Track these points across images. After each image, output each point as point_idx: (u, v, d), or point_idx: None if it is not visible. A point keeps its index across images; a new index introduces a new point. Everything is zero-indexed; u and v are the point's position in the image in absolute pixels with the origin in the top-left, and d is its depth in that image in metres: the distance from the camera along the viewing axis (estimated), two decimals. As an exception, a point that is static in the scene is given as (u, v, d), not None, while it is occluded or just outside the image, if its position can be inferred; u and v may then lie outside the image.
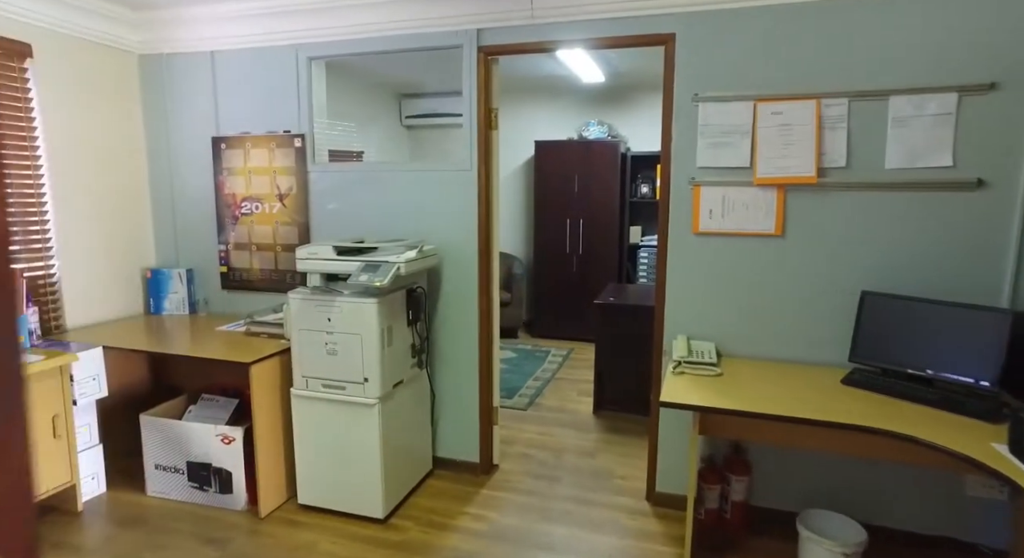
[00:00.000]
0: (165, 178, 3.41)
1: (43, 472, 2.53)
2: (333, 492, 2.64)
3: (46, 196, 2.95)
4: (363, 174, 3.01)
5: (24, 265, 2.88)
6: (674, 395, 2.10)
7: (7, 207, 0.47)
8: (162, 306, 3.41)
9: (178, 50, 3.24)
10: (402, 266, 2.46)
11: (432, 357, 3.04)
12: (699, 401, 2.04)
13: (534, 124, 5.97)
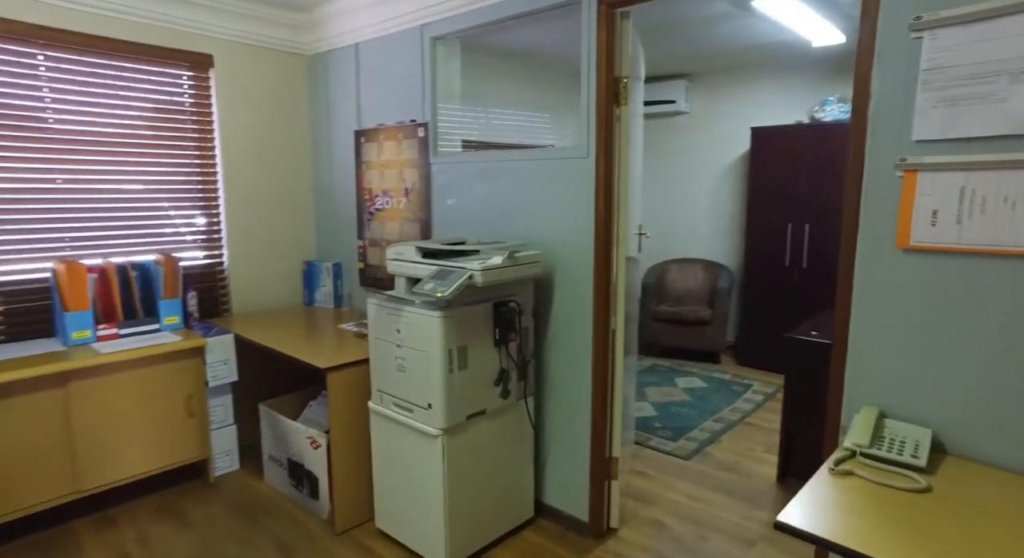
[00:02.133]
0: (325, 173, 3.51)
1: (175, 446, 2.74)
2: (404, 525, 2.34)
3: (219, 192, 3.23)
4: (481, 166, 2.64)
5: (196, 254, 3.19)
6: (811, 513, 1.27)
7: None
8: (314, 298, 3.53)
9: (333, 46, 3.28)
10: (477, 275, 2.01)
11: (540, 386, 2.53)
12: (855, 541, 1.18)
13: (750, 108, 4.91)
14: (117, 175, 2.90)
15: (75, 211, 2.79)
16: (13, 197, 2.63)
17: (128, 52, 2.84)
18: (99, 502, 2.69)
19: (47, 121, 2.69)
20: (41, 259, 2.72)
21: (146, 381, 2.61)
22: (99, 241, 2.87)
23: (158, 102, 2.99)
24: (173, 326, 2.87)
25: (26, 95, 2.62)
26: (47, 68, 2.67)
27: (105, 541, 2.42)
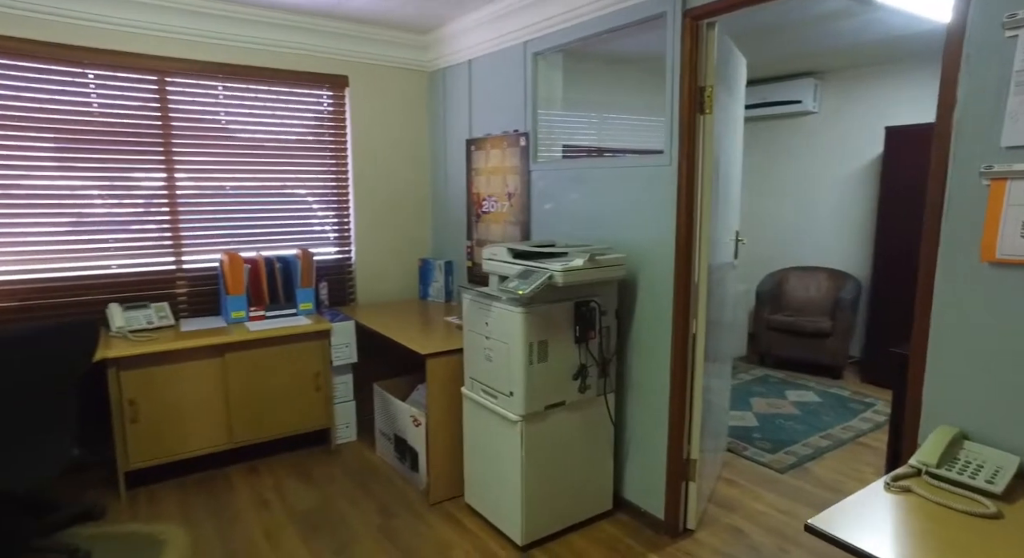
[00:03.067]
0: (440, 178, 3.86)
1: (305, 415, 3.20)
2: (487, 501, 2.56)
3: (349, 195, 3.69)
4: (573, 173, 2.79)
5: (329, 250, 3.67)
6: (851, 522, 1.29)
7: None
8: (428, 292, 3.89)
9: (450, 63, 3.60)
10: (557, 275, 2.18)
11: (621, 384, 2.63)
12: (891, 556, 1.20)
13: (886, 106, 4.55)
14: (268, 181, 3.44)
15: (237, 211, 3.37)
16: (197, 199, 3.24)
17: (281, 78, 3.36)
18: (247, 454, 3.21)
19: (222, 137, 3.27)
20: (213, 251, 3.32)
21: (284, 357, 3.08)
22: (253, 237, 3.43)
23: (303, 118, 3.50)
24: (307, 311, 3.35)
25: (209, 117, 3.22)
26: (223, 95, 3.25)
27: (250, 485, 2.92)
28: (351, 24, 3.42)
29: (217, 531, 2.53)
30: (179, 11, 2.99)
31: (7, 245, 2.83)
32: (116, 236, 3.07)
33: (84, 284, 3.01)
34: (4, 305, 2.83)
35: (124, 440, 2.73)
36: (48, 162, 2.88)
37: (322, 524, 2.59)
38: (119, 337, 2.86)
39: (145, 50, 2.99)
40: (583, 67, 4.28)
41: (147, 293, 3.16)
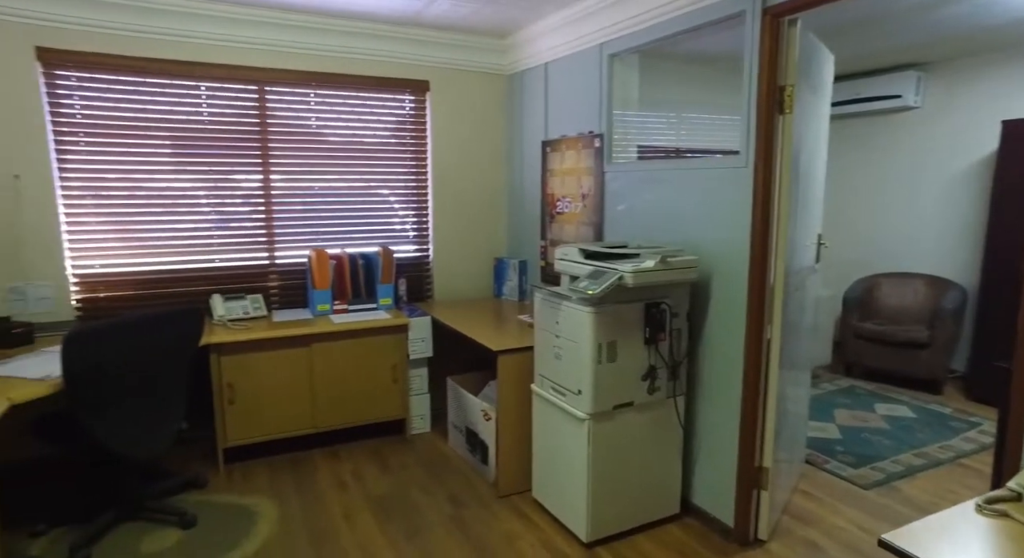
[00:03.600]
0: (517, 179, 3.93)
1: (383, 405, 3.36)
2: (554, 497, 2.61)
3: (429, 195, 3.84)
4: (647, 175, 2.78)
5: (408, 248, 3.84)
6: (933, 542, 1.24)
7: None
8: (502, 291, 3.98)
9: (527, 66, 3.66)
10: (628, 276, 2.19)
11: (691, 387, 2.60)
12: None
13: (1001, 99, 4.19)
14: (353, 181, 3.64)
15: (325, 210, 3.58)
16: (289, 199, 3.48)
17: (367, 84, 3.55)
18: (329, 438, 3.42)
19: (313, 140, 3.50)
20: (302, 248, 3.55)
21: (364, 349, 3.25)
22: (338, 234, 3.64)
23: (386, 122, 3.67)
24: (386, 306, 3.52)
25: (301, 122, 3.45)
26: (315, 102, 3.47)
27: (331, 468, 3.11)
28: (432, 31, 3.56)
29: (301, 508, 2.72)
30: (279, 26, 3.23)
31: (132, 240, 3.16)
32: (219, 233, 3.36)
33: (192, 276, 3.31)
34: (128, 293, 3.17)
35: (223, 419, 2.98)
36: (165, 166, 3.19)
37: (396, 509, 2.73)
38: (220, 325, 3.12)
39: (248, 63, 3.25)
40: (660, 66, 4.23)
41: (244, 285, 3.43)
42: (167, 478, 2.91)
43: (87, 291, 3.10)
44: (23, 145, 2.88)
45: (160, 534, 2.51)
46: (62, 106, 2.95)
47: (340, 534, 2.53)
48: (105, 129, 3.04)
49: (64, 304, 3.04)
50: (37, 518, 2.59)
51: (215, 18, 3.10)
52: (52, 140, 2.94)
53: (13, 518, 2.59)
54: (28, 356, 2.56)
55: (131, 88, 3.07)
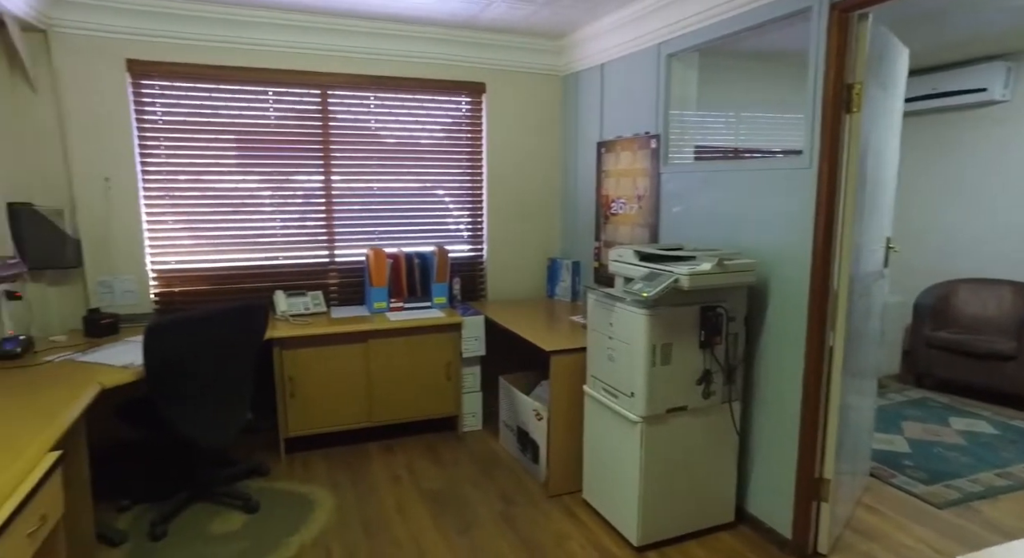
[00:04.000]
0: (571, 180, 3.93)
1: (436, 401, 3.43)
2: (605, 499, 2.60)
3: (483, 195, 3.88)
4: (704, 176, 2.73)
5: (462, 247, 3.90)
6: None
7: None
8: (555, 291, 3.99)
9: (583, 67, 3.65)
10: (683, 279, 2.17)
11: (748, 393, 2.53)
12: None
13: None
14: (410, 182, 3.73)
15: (382, 210, 3.69)
16: (349, 199, 3.60)
17: (425, 86, 3.63)
18: (383, 433, 3.52)
19: (372, 141, 3.60)
20: (360, 246, 3.66)
21: (419, 346, 3.33)
22: (395, 234, 3.74)
23: (443, 123, 3.74)
24: (441, 305, 3.59)
25: (361, 124, 3.56)
26: (374, 104, 3.58)
27: (386, 462, 3.20)
28: (489, 33, 3.60)
29: (356, 498, 2.81)
30: (341, 32, 3.34)
31: (203, 238, 3.35)
32: (283, 231, 3.51)
33: (257, 273, 3.47)
34: (199, 288, 3.36)
35: (284, 411, 3.12)
36: (234, 168, 3.36)
37: (448, 504, 2.78)
38: (282, 320, 3.26)
39: (313, 68, 3.38)
40: (718, 64, 4.13)
41: (305, 282, 3.57)
42: (234, 464, 3.06)
43: (164, 286, 3.30)
44: (113, 150, 3.09)
45: (227, 516, 2.64)
46: (146, 113, 3.16)
47: (393, 525, 2.60)
48: (181, 133, 3.23)
49: (145, 297, 3.25)
50: (122, 494, 2.79)
51: (283, 26, 3.24)
52: (137, 145, 3.15)
53: (103, 493, 2.78)
54: (114, 345, 2.75)
55: (205, 94, 3.24)
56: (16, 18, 2.72)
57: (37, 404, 2.01)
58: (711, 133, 3.96)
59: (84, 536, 2.24)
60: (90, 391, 2.15)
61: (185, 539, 2.48)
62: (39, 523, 1.62)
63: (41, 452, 1.69)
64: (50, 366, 2.45)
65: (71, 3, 2.87)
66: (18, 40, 2.79)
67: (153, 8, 2.99)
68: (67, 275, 3.11)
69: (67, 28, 2.93)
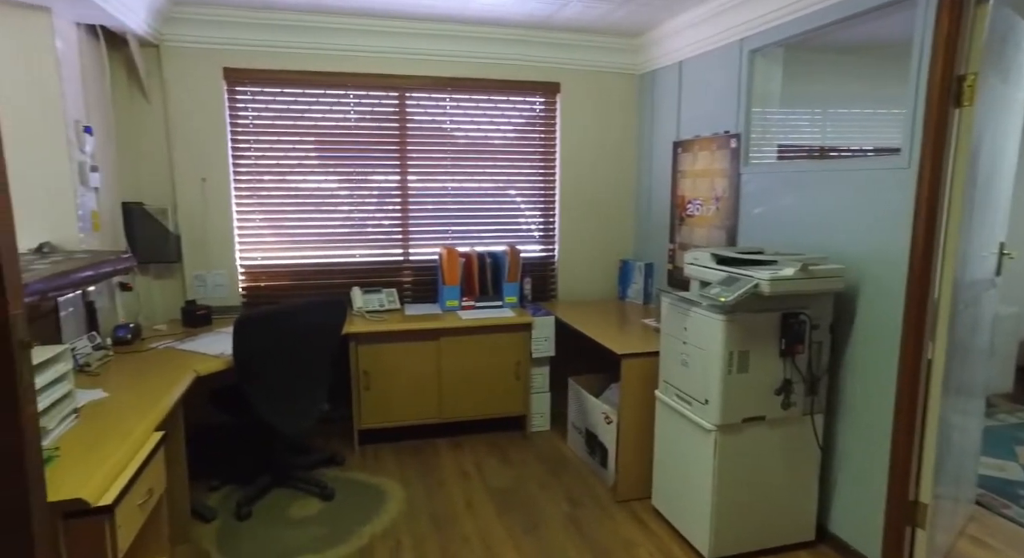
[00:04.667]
0: (645, 180, 3.86)
1: (505, 400, 3.45)
2: (675, 508, 2.53)
3: (556, 195, 3.88)
4: (789, 176, 2.60)
5: (534, 247, 3.90)
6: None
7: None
8: (626, 294, 3.92)
9: (660, 65, 3.57)
10: (764, 284, 2.08)
11: (832, 405, 2.40)
12: None
13: None
14: (483, 182, 3.77)
15: (456, 209, 3.75)
16: (423, 198, 3.69)
17: (500, 87, 3.66)
18: (452, 429, 3.58)
19: (446, 142, 3.68)
20: (434, 245, 3.75)
21: (489, 345, 3.36)
22: (467, 233, 3.79)
23: (516, 124, 3.76)
24: (511, 305, 3.61)
25: (436, 125, 3.64)
26: (450, 106, 3.65)
27: (454, 458, 3.25)
28: (564, 33, 3.59)
29: (426, 492, 2.88)
30: (419, 36, 3.43)
31: (287, 235, 3.52)
32: (360, 230, 3.64)
33: (335, 269, 3.62)
34: (283, 283, 3.54)
35: (359, 403, 3.23)
36: (315, 168, 3.51)
37: (514, 503, 2.79)
38: (358, 316, 3.38)
39: (392, 71, 3.49)
40: (803, 58, 3.93)
41: (380, 280, 3.68)
42: (311, 453, 3.21)
43: (251, 280, 3.50)
44: (210, 153, 3.31)
45: (305, 502, 2.77)
46: (239, 117, 3.36)
47: (461, 520, 2.64)
48: (269, 136, 3.42)
49: (234, 291, 3.46)
50: (213, 475, 2.98)
51: (365, 32, 3.35)
52: (230, 147, 3.36)
53: (196, 473, 2.99)
54: (208, 335, 2.95)
55: (292, 99, 3.41)
56: (137, 36, 2.97)
57: (144, 387, 2.18)
58: (795, 131, 3.77)
59: (181, 511, 2.42)
60: (187, 377, 2.31)
61: (267, 521, 2.62)
62: (147, 496, 1.75)
63: (147, 432, 1.83)
64: (154, 352, 2.66)
65: (180, 19, 3.10)
66: (137, 56, 3.04)
67: (248, 19, 3.17)
68: (169, 269, 3.36)
69: (176, 42, 3.16)
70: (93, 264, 2.27)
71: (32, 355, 1.69)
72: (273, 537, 2.49)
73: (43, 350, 1.75)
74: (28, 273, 2.00)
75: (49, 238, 2.61)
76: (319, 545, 2.44)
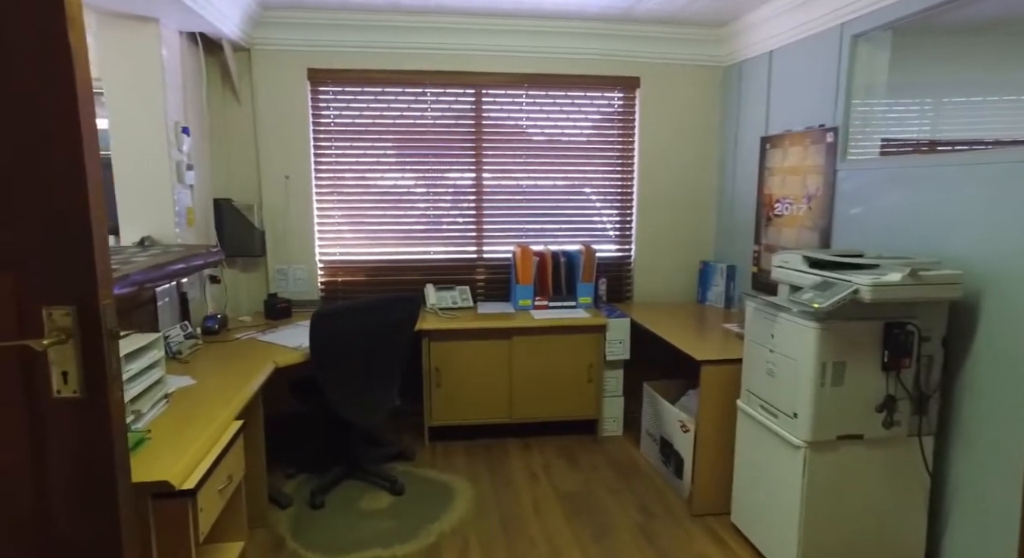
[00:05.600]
0: (729, 178, 3.67)
1: (576, 403, 3.38)
2: (758, 527, 2.38)
3: (633, 193, 3.76)
4: (895, 172, 2.38)
5: (610, 247, 3.80)
6: None
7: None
8: (706, 297, 3.75)
9: (748, 56, 3.38)
10: (865, 290, 1.90)
11: (945, 427, 2.16)
12: None
13: None
14: (558, 179, 3.71)
15: (530, 207, 3.71)
16: (498, 196, 3.67)
17: (577, 83, 3.58)
18: (522, 430, 3.54)
19: (522, 139, 3.64)
20: (507, 243, 3.72)
21: (562, 346, 3.30)
22: (542, 231, 3.74)
23: (593, 120, 3.67)
24: (586, 305, 3.52)
25: (512, 122, 3.61)
26: (526, 102, 3.61)
27: (523, 459, 3.21)
28: (644, 26, 3.46)
29: (494, 492, 2.85)
30: (496, 32, 3.41)
31: (364, 232, 3.60)
32: (435, 227, 3.66)
33: (410, 266, 3.67)
34: (359, 278, 3.63)
35: (430, 400, 3.25)
36: (392, 166, 3.57)
37: (583, 508, 2.72)
38: (432, 313, 3.40)
39: (468, 68, 3.49)
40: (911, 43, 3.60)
41: (453, 277, 3.70)
42: (383, 446, 3.26)
43: (329, 275, 3.60)
44: (293, 151, 3.44)
45: (375, 495, 2.81)
46: (321, 116, 3.46)
47: (529, 523, 2.59)
48: (349, 134, 3.50)
49: (313, 285, 3.57)
50: (290, 463, 3.09)
51: (443, 29, 3.37)
52: (312, 146, 3.47)
53: (274, 460, 3.10)
54: (287, 328, 3.06)
55: (371, 98, 3.48)
56: (231, 41, 3.12)
57: (228, 376, 2.27)
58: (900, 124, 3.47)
59: (259, 496, 2.51)
60: (267, 368, 2.39)
61: (339, 511, 2.67)
62: (227, 481, 1.81)
63: (229, 420, 1.90)
64: (238, 343, 2.77)
65: (269, 23, 3.23)
66: (231, 59, 3.20)
67: (330, 21, 3.26)
68: (254, 263, 3.51)
69: (265, 45, 3.30)
70: (185, 257, 2.39)
71: (130, 342, 1.79)
72: (344, 528, 2.54)
73: (139, 338, 1.85)
74: (129, 265, 2.13)
75: (150, 232, 2.78)
76: (388, 539, 2.46)
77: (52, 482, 0.94)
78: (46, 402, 0.91)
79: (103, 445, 0.93)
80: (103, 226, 0.92)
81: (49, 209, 0.90)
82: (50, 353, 0.90)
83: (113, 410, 0.94)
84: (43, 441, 0.92)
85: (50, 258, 0.90)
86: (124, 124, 2.69)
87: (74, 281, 0.90)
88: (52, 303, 0.89)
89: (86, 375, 0.91)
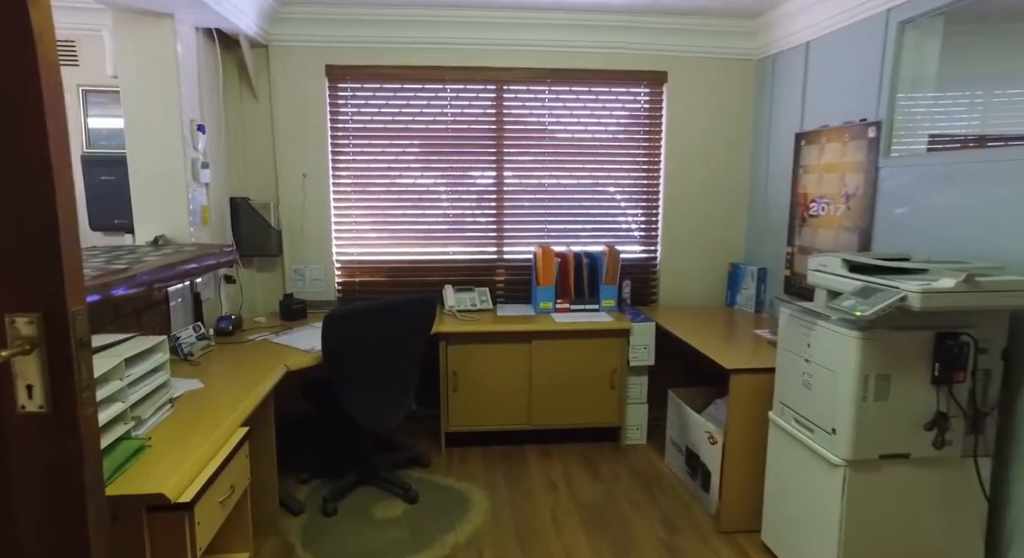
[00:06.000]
0: (761, 177, 3.50)
1: (598, 410, 3.25)
2: (792, 548, 2.22)
3: (660, 192, 3.61)
4: (946, 168, 2.21)
5: (634, 248, 3.66)
6: None
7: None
8: (736, 300, 3.58)
9: (781, 48, 3.21)
10: (914, 297, 1.74)
11: (1004, 448, 1.99)
12: None
13: None
14: (582, 178, 3.58)
15: (552, 207, 3.59)
16: (519, 195, 3.56)
17: (602, 78, 3.45)
18: (541, 437, 3.42)
19: (544, 137, 3.52)
20: (528, 244, 3.61)
21: (584, 350, 3.17)
22: (564, 232, 3.62)
23: (618, 117, 3.53)
24: (609, 308, 3.39)
25: (534, 120, 3.50)
26: (548, 99, 3.49)
27: (542, 467, 3.10)
28: (672, 17, 3.32)
29: (511, 502, 2.74)
30: (517, 25, 3.30)
31: (382, 231, 3.53)
32: (455, 226, 3.57)
33: (429, 266, 3.58)
34: (376, 279, 3.55)
35: (447, 404, 3.16)
36: (412, 165, 3.49)
37: (604, 521, 2.59)
38: (449, 315, 3.31)
39: (489, 63, 3.38)
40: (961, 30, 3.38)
41: (473, 278, 3.60)
42: (398, 451, 3.18)
43: (346, 275, 3.54)
44: (311, 149, 3.38)
45: (389, 503, 2.73)
46: (339, 114, 3.40)
47: (547, 536, 2.48)
48: (367, 132, 3.43)
49: (330, 286, 3.51)
50: (304, 467, 3.02)
51: (463, 23, 3.27)
52: (330, 143, 3.40)
53: (290, 464, 3.05)
54: (302, 329, 2.99)
55: (390, 94, 3.40)
56: (248, 37, 3.07)
57: (237, 380, 2.21)
58: (949, 118, 3.26)
59: (270, 502, 2.44)
60: (278, 371, 2.32)
61: (352, 519, 2.59)
62: (229, 492, 1.74)
63: (234, 426, 1.82)
64: (251, 344, 2.72)
65: (286, 19, 3.17)
66: (248, 56, 3.15)
67: (348, 16, 3.19)
68: (270, 263, 3.47)
69: (282, 41, 3.24)
70: (197, 257, 2.33)
71: (134, 344, 1.73)
72: (356, 537, 2.46)
73: (143, 340, 1.78)
74: (140, 264, 2.08)
75: (165, 231, 2.74)
76: (400, 550, 2.38)
77: (16, 504, 0.86)
78: (9, 417, 0.84)
79: (72, 464, 0.85)
80: (73, 228, 0.84)
81: (11, 212, 0.82)
82: (14, 364, 0.83)
83: (83, 426, 0.86)
84: (6, 460, 0.85)
85: (12, 262, 0.83)
86: (139, 122, 2.66)
87: (39, 287, 0.82)
88: (15, 310, 0.81)
89: (53, 388, 0.83)
